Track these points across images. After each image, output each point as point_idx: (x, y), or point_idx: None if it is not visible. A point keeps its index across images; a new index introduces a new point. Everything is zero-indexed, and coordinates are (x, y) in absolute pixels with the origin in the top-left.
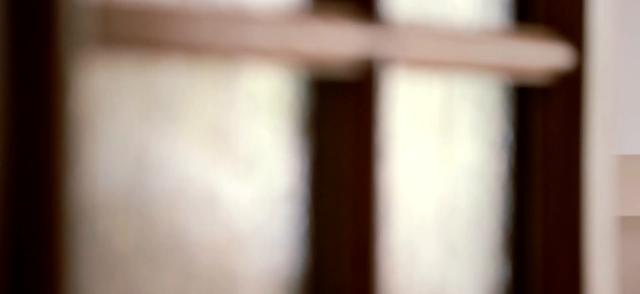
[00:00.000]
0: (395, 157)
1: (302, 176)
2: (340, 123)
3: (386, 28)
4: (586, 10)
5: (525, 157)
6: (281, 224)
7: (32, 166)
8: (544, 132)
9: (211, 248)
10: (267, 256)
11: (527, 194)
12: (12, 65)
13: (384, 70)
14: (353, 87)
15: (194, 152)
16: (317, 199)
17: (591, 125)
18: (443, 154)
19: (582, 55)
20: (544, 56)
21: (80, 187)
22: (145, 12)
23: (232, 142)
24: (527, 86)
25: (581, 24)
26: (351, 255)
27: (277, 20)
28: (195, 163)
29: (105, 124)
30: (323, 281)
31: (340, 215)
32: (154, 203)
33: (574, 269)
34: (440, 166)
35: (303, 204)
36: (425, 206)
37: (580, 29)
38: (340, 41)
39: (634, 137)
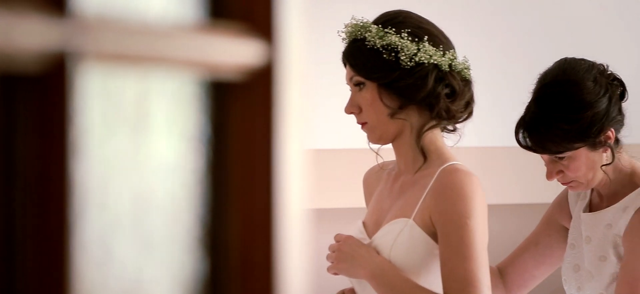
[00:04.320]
0: (88, 152)
1: None
2: (30, 118)
3: (77, 22)
4: (277, 7)
5: (222, 151)
6: None
7: None
8: (240, 127)
9: None
10: None
11: (224, 189)
12: None
13: (75, 64)
14: (43, 81)
15: None
16: (6, 196)
17: (283, 120)
18: (138, 149)
19: (273, 52)
20: (237, 52)
21: None
22: None
23: None
24: (223, 81)
25: (272, 20)
26: (43, 252)
27: None
28: None
29: None
30: (15, 283)
31: (30, 213)
32: None
33: (269, 261)
34: (135, 161)
35: None
36: (120, 202)
37: (271, 26)
38: (28, 34)
39: (325, 131)
